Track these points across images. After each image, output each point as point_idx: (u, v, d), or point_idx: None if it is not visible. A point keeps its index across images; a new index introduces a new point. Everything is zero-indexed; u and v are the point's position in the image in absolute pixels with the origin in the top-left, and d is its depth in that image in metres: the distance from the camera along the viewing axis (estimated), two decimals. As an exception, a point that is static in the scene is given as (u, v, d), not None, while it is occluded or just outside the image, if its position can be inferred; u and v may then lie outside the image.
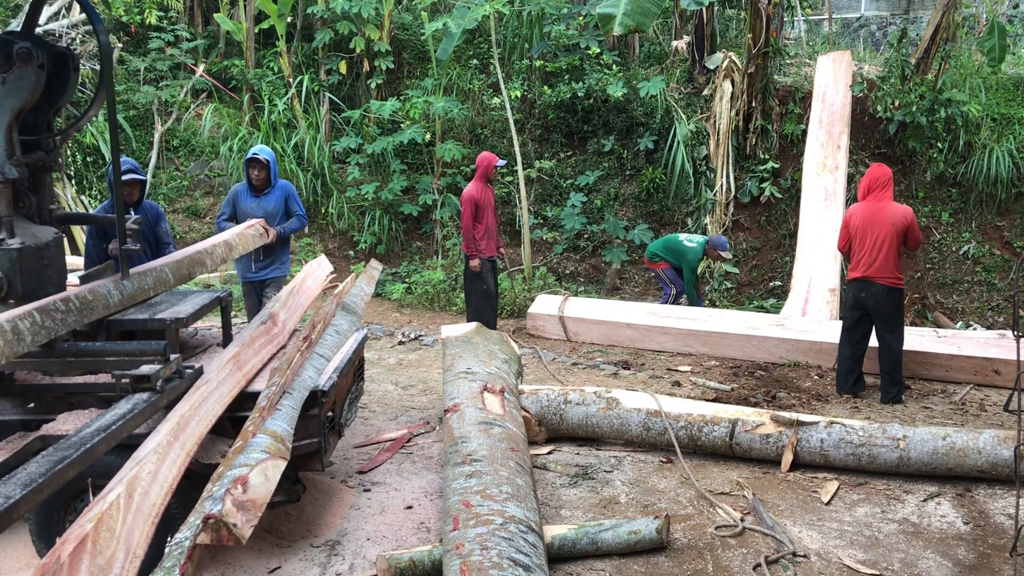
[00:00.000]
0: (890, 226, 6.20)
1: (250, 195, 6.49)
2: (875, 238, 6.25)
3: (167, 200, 11.64)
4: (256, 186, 6.46)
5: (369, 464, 5.12)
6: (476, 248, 7.94)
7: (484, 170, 8.02)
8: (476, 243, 7.93)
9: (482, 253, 7.97)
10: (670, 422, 5.16)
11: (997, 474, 4.69)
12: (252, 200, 6.46)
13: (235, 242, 4.89)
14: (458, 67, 12.33)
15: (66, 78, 3.97)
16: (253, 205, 6.43)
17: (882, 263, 6.22)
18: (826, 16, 15.35)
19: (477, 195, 7.90)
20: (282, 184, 6.60)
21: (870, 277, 6.26)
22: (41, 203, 4.05)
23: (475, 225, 7.90)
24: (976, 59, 11.31)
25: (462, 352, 5.57)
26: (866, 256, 6.28)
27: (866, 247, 6.29)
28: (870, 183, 6.41)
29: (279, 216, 6.46)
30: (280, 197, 6.50)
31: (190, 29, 13.33)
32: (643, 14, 8.02)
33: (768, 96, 10.67)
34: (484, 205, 7.93)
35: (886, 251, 6.22)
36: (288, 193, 6.56)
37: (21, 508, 2.48)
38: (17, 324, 2.89)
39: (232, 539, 2.61)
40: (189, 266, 4.29)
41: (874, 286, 6.26)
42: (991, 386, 6.75)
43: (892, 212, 6.26)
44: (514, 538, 3.37)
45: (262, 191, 6.47)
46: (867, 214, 6.33)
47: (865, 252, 6.29)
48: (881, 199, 6.32)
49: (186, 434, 3.22)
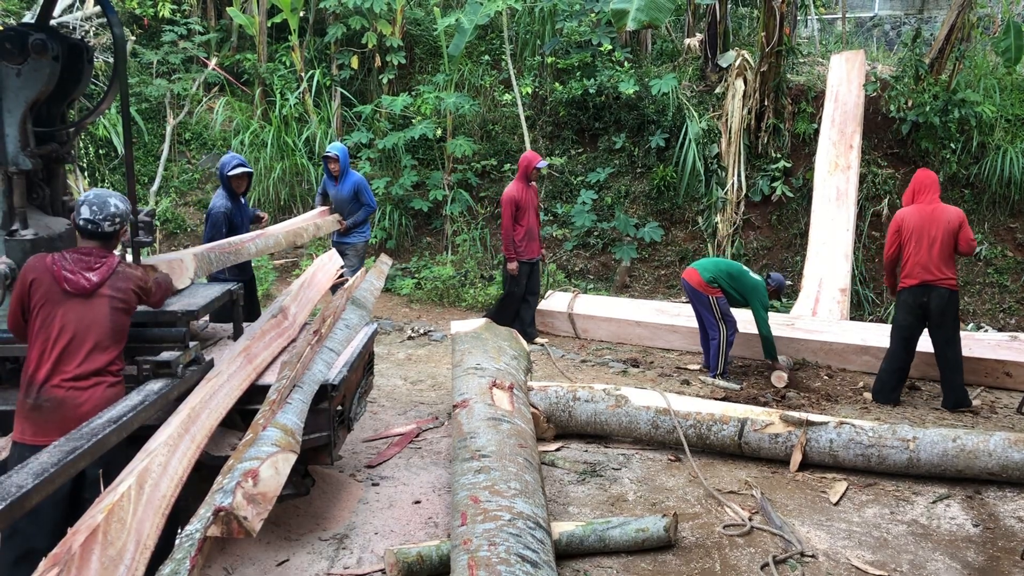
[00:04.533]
0: (944, 227, 6.07)
1: (332, 183, 7.90)
2: (930, 240, 6.11)
3: (179, 193, 11.68)
4: (334, 175, 7.83)
5: (378, 458, 5.14)
6: (515, 250, 7.79)
7: (525, 170, 7.86)
8: (515, 245, 7.79)
9: (521, 256, 7.82)
10: (679, 420, 5.16)
11: (1008, 477, 4.67)
12: (333, 188, 7.89)
13: (322, 223, 6.98)
14: (470, 63, 12.31)
15: (80, 70, 3.99)
16: (334, 191, 7.89)
17: (940, 265, 6.09)
18: (840, 15, 15.28)
19: (518, 195, 7.75)
20: (356, 177, 7.92)
21: (930, 281, 6.11)
22: (54, 194, 4.08)
23: (514, 227, 7.75)
24: (991, 59, 11.22)
25: (471, 348, 5.57)
26: (923, 259, 6.13)
27: (922, 250, 6.13)
28: (916, 187, 6.30)
29: (350, 201, 7.83)
30: (352, 186, 7.81)
31: (203, 23, 13.35)
32: (657, 9, 8.00)
33: (781, 95, 10.61)
34: (525, 206, 7.79)
35: (941, 253, 6.09)
36: (359, 186, 7.85)
37: (32, 497, 2.50)
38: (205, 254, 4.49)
39: (242, 532, 2.61)
40: (295, 234, 5.82)
41: (936, 290, 6.11)
42: (1002, 388, 6.71)
43: (945, 213, 6.15)
44: (522, 534, 3.37)
45: (339, 179, 7.81)
46: (919, 217, 6.20)
47: (921, 255, 6.14)
48: (932, 202, 6.20)
49: (196, 426, 3.23)
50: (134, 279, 3.58)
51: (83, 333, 3.38)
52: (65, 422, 3.22)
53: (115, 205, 3.50)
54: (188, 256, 4.23)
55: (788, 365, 7.12)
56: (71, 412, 3.30)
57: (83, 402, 3.35)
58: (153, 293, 3.70)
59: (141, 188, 11.44)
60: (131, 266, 3.68)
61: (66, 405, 3.32)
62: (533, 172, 7.88)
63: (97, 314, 3.42)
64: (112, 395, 3.44)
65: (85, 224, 3.46)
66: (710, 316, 7.02)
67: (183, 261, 4.10)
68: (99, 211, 3.45)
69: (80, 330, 3.38)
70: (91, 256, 3.46)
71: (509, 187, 7.93)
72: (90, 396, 3.37)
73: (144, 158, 11.94)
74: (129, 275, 3.57)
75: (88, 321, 3.40)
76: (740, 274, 7.01)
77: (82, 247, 3.51)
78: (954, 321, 6.22)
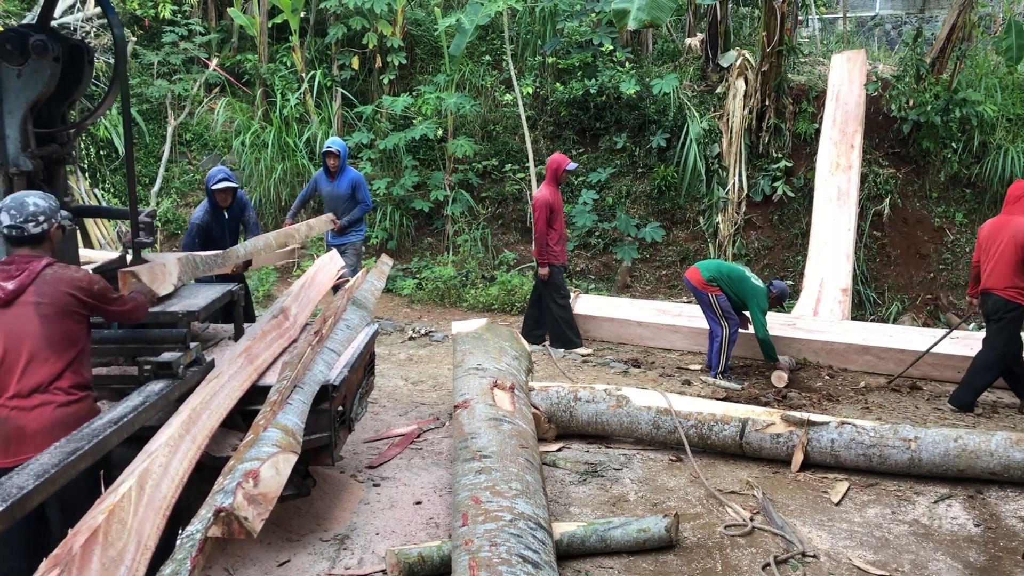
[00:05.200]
0: (1009, 238, 6.09)
1: (327, 180, 7.88)
2: (995, 250, 6.15)
3: (179, 194, 11.69)
4: (332, 171, 7.79)
5: (379, 459, 5.13)
6: (551, 254, 7.70)
7: (555, 173, 7.74)
8: (550, 249, 7.70)
9: (556, 259, 7.75)
10: (680, 420, 5.15)
11: (1009, 476, 4.66)
12: (328, 184, 7.87)
13: (314, 224, 6.45)
14: (471, 63, 12.32)
15: (80, 71, 3.99)
16: (329, 188, 7.87)
17: (998, 275, 6.11)
18: (841, 15, 15.27)
19: (552, 199, 7.66)
20: (354, 174, 7.93)
21: (988, 288, 6.18)
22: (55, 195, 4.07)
23: (548, 231, 7.68)
24: (992, 59, 11.22)
25: (472, 348, 5.57)
26: (987, 268, 6.20)
27: (990, 259, 6.19)
28: (1007, 197, 6.33)
29: (347, 198, 7.82)
30: (349, 183, 7.82)
31: (204, 23, 13.36)
32: (658, 8, 8.00)
33: (782, 94, 10.61)
34: (558, 209, 7.73)
35: (1000, 262, 6.10)
36: (356, 182, 7.86)
37: (34, 498, 2.50)
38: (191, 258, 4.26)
39: (243, 532, 2.61)
40: (285, 237, 5.58)
41: (991, 296, 6.16)
42: (1004, 388, 6.70)
43: (1013, 225, 6.14)
44: (523, 535, 3.37)
45: (336, 176, 7.79)
46: (993, 227, 6.28)
47: (988, 264, 6.20)
48: (1011, 212, 6.22)
49: (197, 427, 3.23)
50: (70, 281, 3.28)
51: (15, 346, 3.15)
52: (8, 443, 3.11)
53: (35, 204, 3.28)
54: (172, 260, 4.05)
55: (789, 365, 7.11)
56: (14, 433, 3.12)
57: (26, 423, 3.13)
58: (117, 302, 3.43)
59: (142, 189, 11.46)
60: (70, 268, 3.38)
61: (8, 425, 3.13)
62: (563, 174, 7.78)
63: (24, 324, 3.17)
64: (65, 416, 3.19)
65: (9, 231, 3.24)
66: (711, 314, 7.01)
67: (166, 266, 3.93)
68: (18, 214, 3.23)
69: (11, 344, 3.15)
70: (12, 264, 3.22)
71: (541, 191, 7.76)
72: (36, 417, 3.14)
73: (145, 159, 11.95)
74: (63, 277, 3.27)
75: (17, 333, 3.16)
76: (741, 278, 6.96)
77: (9, 257, 3.26)
78: (1002, 331, 6.18)
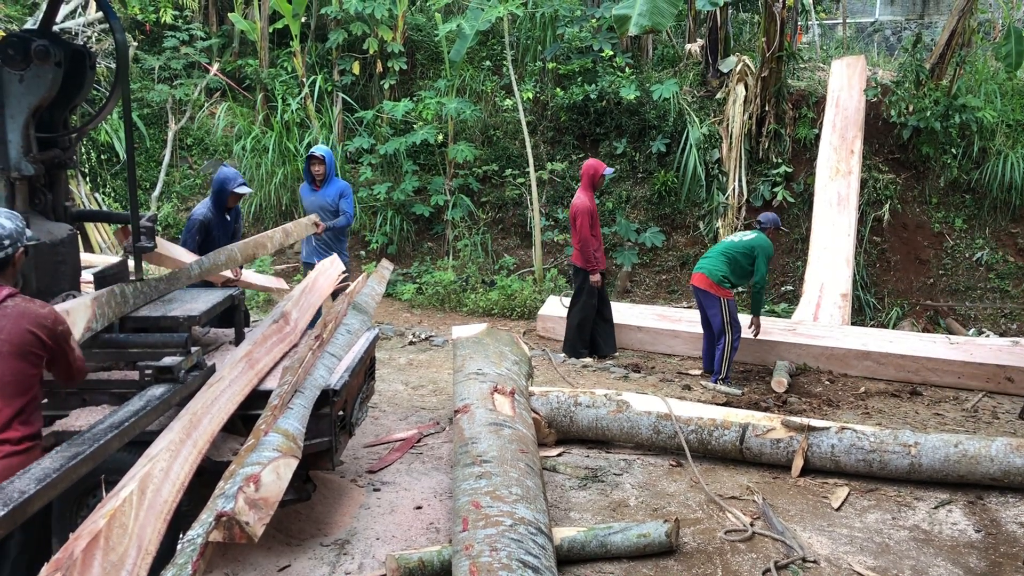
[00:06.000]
0: None
1: (311, 189, 7.18)
2: None
3: (180, 198, 11.70)
4: (316, 180, 7.11)
5: (379, 464, 5.13)
6: (595, 261, 7.64)
7: (591, 179, 7.68)
8: (594, 256, 7.66)
9: (600, 265, 7.69)
10: (680, 425, 5.15)
11: (1009, 482, 4.66)
12: (312, 194, 7.16)
13: (291, 229, 5.87)
14: (471, 68, 12.34)
15: (82, 76, 4.01)
16: (312, 198, 7.13)
17: None
18: (840, 20, 15.30)
19: (592, 205, 7.61)
20: (340, 183, 7.22)
21: None
22: (56, 200, 4.09)
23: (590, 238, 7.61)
24: (992, 65, 11.24)
25: (473, 353, 5.57)
26: None
27: None
28: None
29: (334, 209, 7.08)
30: (336, 193, 7.10)
31: (205, 28, 13.39)
32: (659, 14, 8.01)
33: (782, 100, 10.63)
34: (596, 216, 7.68)
35: None
36: (343, 191, 7.14)
37: (35, 503, 2.50)
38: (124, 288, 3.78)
39: (244, 537, 2.61)
40: (254, 247, 4.91)
41: None
42: (1004, 393, 6.71)
43: None
44: (523, 540, 3.37)
45: (321, 185, 7.10)
46: None
47: None
48: None
49: (198, 431, 3.23)
50: (33, 317, 2.90)
51: None
52: None
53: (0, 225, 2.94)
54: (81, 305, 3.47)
55: (789, 370, 7.12)
56: None
57: None
58: (75, 352, 3.08)
59: (143, 193, 11.47)
60: (35, 302, 2.99)
61: None
62: (600, 180, 7.72)
63: None
64: (7, 470, 2.77)
65: None
66: (719, 319, 6.97)
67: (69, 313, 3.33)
68: None
69: None
70: None
71: (580, 198, 7.67)
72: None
73: (146, 163, 11.97)
74: (26, 312, 2.90)
75: None
76: (732, 246, 7.10)
77: None
78: None
